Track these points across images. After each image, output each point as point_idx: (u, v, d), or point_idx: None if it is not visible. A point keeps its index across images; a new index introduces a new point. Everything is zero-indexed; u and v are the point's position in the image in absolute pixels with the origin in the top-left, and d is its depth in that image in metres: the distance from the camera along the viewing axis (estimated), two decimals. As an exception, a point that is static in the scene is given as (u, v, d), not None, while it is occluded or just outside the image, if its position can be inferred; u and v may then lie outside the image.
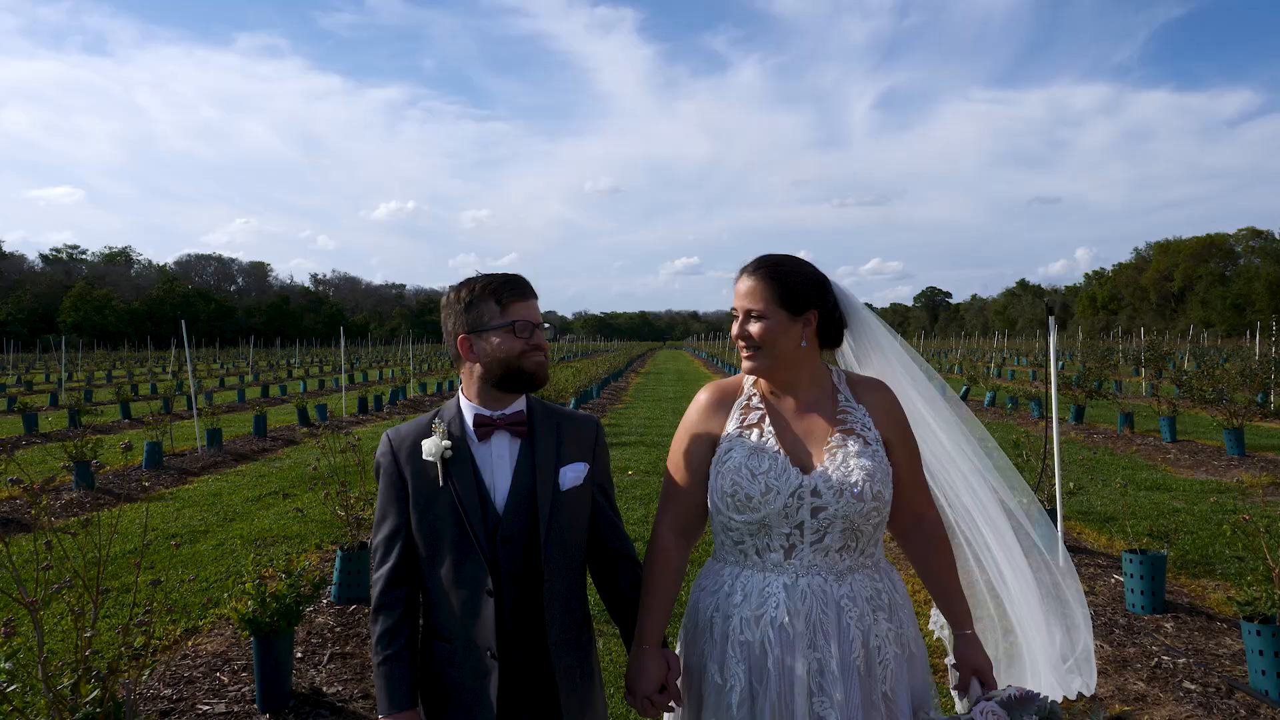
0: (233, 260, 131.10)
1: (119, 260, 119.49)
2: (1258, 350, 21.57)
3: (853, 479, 1.94)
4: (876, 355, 2.19)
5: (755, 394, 2.11)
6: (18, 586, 2.92)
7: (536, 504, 1.99)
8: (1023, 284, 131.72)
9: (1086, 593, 5.69)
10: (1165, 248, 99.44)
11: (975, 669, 2.03)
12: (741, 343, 2.04)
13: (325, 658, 4.72)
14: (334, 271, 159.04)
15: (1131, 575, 5.32)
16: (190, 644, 4.99)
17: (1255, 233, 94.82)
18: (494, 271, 2.06)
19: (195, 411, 12.31)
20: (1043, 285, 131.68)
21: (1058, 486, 6.42)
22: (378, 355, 64.93)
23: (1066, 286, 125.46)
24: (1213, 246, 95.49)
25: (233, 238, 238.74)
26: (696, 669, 2.05)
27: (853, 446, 1.98)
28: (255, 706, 4.07)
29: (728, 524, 2.01)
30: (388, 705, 1.97)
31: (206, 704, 4.13)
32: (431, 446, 1.97)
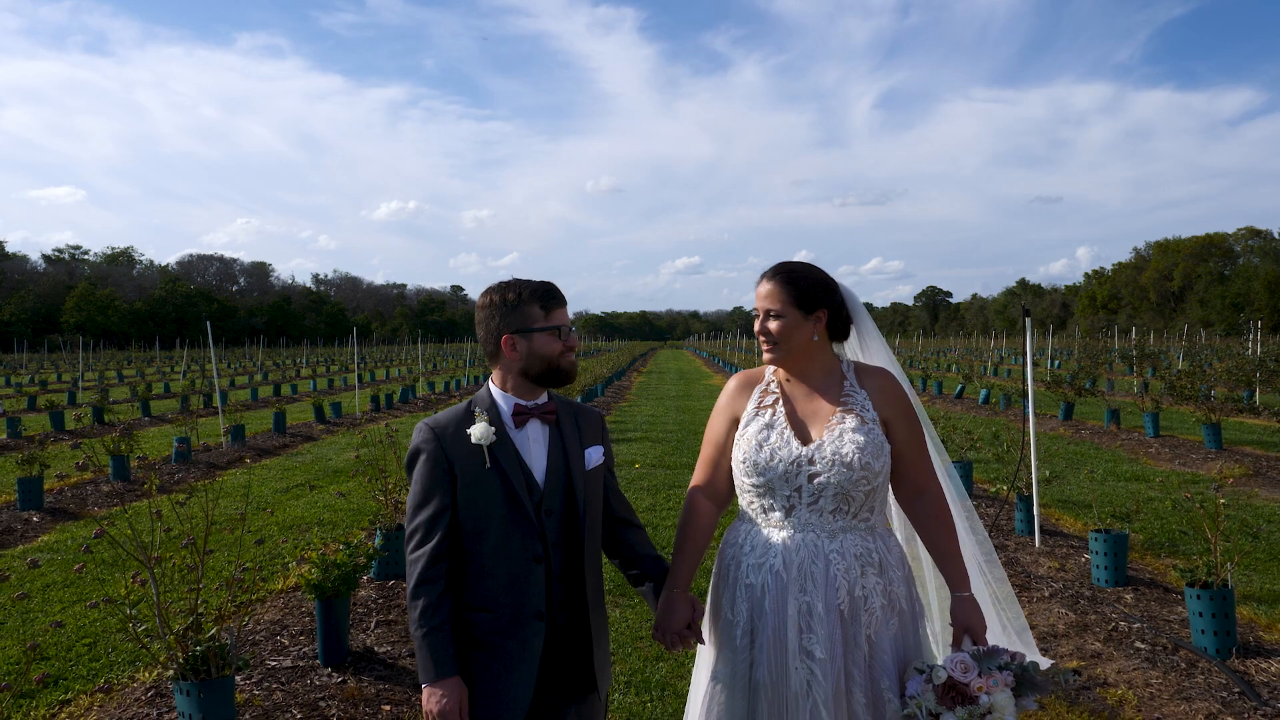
0: (234, 260, 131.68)
1: (121, 260, 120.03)
2: (1251, 349, 22.10)
3: (844, 451, 2.24)
4: (874, 347, 2.56)
5: (774, 380, 2.45)
6: (137, 547, 3.47)
7: (572, 481, 2.27)
8: (1023, 283, 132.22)
9: (1058, 570, 6.26)
10: (1165, 247, 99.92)
11: (967, 628, 2.27)
12: (762, 338, 2.37)
13: (372, 624, 5.28)
14: (335, 271, 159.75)
15: (1096, 552, 5.87)
16: (222, 626, 5.55)
17: (1254, 232, 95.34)
18: (527, 278, 2.30)
19: (220, 409, 12.87)
20: (1043, 285, 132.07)
21: (1034, 475, 6.98)
22: (383, 355, 65.53)
23: (1067, 286, 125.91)
24: (1212, 246, 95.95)
25: (234, 238, 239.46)
26: (715, 608, 2.41)
27: (850, 423, 2.29)
28: (318, 661, 4.63)
29: (742, 486, 2.38)
30: (435, 673, 2.13)
31: (274, 660, 4.69)
32: (480, 432, 2.18)
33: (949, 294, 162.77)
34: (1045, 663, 2.32)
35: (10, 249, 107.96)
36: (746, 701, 2.27)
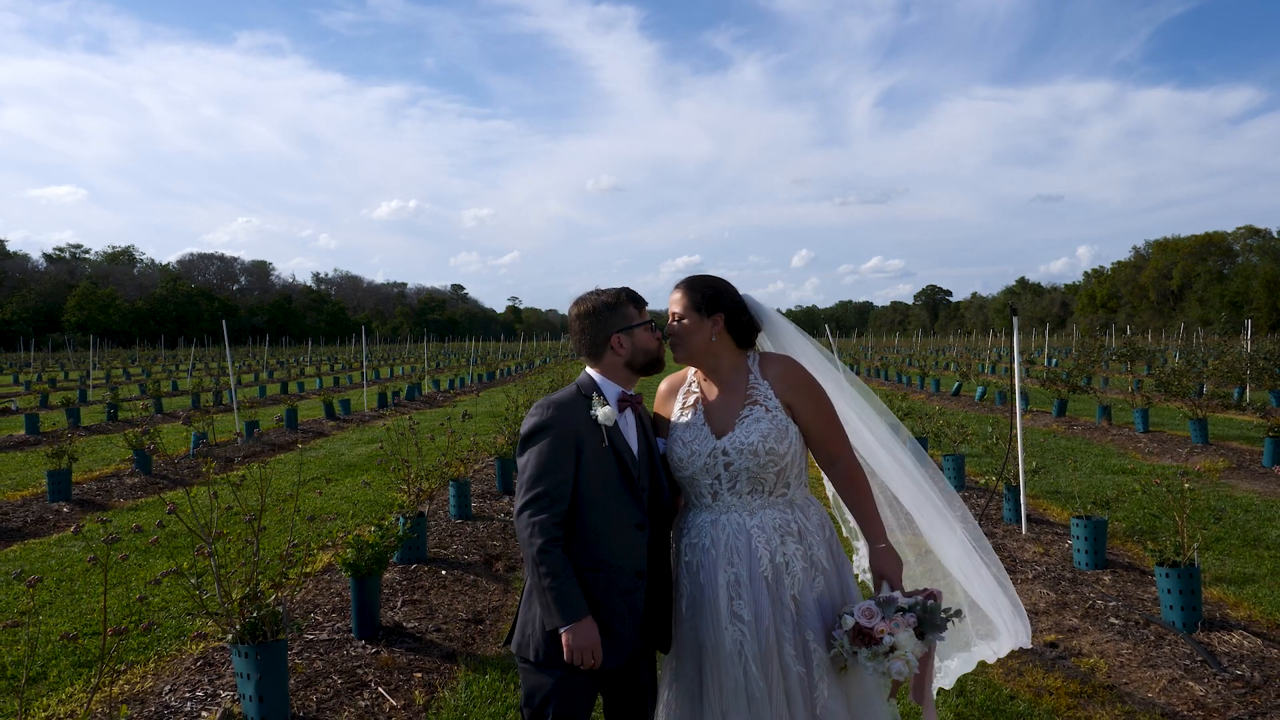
0: (235, 259, 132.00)
1: (122, 259, 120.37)
2: (1247, 348, 22.47)
3: (751, 440, 2.57)
4: (791, 347, 2.88)
5: (694, 381, 2.79)
6: (197, 526, 3.84)
7: (654, 461, 2.66)
8: (1023, 282, 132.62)
9: (1042, 555, 6.62)
10: (1164, 246, 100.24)
11: (882, 575, 2.60)
12: (670, 338, 2.72)
13: (399, 603, 5.65)
14: (335, 270, 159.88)
15: (1077, 537, 6.24)
16: (278, 595, 5.92)
17: (1253, 231, 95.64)
18: (604, 286, 2.67)
19: (235, 406, 13.24)
20: (1043, 284, 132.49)
21: (1020, 466, 7.35)
22: (386, 353, 65.95)
23: (1066, 285, 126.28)
24: (1211, 245, 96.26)
25: (234, 236, 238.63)
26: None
27: (756, 414, 2.61)
28: (352, 635, 5.00)
29: (677, 479, 2.72)
30: (576, 614, 2.41)
31: (311, 634, 5.06)
32: (606, 413, 2.53)
33: (949, 293, 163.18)
34: (950, 606, 2.57)
35: (11, 248, 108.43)
36: (695, 663, 2.60)
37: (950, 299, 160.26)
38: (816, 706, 2.50)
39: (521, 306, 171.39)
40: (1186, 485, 5.19)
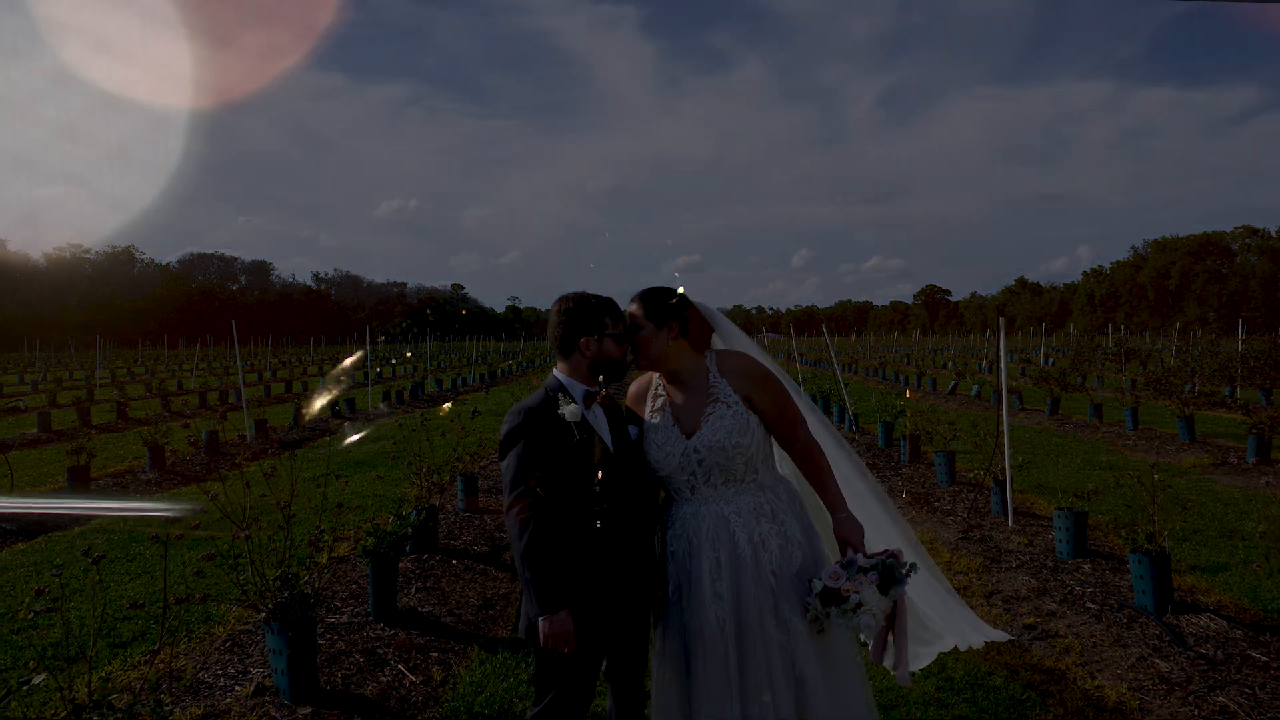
0: (235, 259, 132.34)
1: (122, 259, 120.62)
2: (1240, 347, 22.73)
3: (717, 437, 2.84)
4: (738, 345, 3.14)
5: (660, 384, 3.04)
6: (233, 512, 4.14)
7: (630, 445, 2.93)
8: (1022, 281, 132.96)
9: (1026, 545, 6.93)
10: (1162, 245, 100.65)
11: (846, 541, 2.84)
12: (631, 347, 2.96)
13: (413, 590, 5.95)
14: (335, 270, 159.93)
15: (1059, 528, 6.53)
16: (308, 577, 6.21)
17: (1252, 230, 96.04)
18: (584, 291, 2.95)
19: (244, 404, 13.54)
20: (1043, 283, 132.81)
21: (1007, 462, 7.65)
22: (388, 353, 66.27)
23: (1065, 284, 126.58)
24: (1209, 244, 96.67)
25: (235, 236, 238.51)
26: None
27: (719, 411, 2.88)
28: (370, 618, 5.30)
29: (656, 478, 2.98)
30: (552, 605, 2.66)
31: (331, 618, 5.35)
32: (573, 412, 2.80)
33: (948, 292, 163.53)
34: (908, 562, 2.80)
35: (11, 248, 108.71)
36: (681, 642, 2.88)
37: (950, 298, 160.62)
38: (796, 668, 2.79)
39: (521, 306, 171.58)
40: (1156, 477, 5.49)
